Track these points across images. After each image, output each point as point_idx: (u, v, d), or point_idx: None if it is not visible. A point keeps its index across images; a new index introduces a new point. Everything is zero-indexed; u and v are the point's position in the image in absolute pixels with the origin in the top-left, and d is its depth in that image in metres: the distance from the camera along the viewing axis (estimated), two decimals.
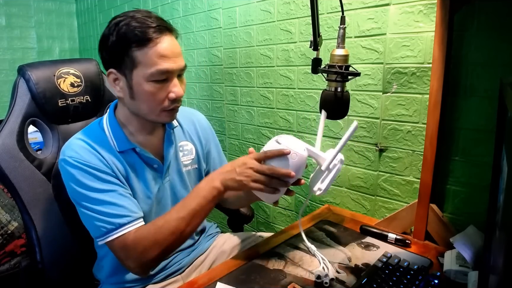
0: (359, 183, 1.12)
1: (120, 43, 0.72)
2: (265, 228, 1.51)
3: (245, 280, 0.75)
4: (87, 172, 0.74)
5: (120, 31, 0.71)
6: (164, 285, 0.88)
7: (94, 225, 0.73)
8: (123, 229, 0.72)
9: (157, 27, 0.72)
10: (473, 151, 0.86)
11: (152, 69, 0.71)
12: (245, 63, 1.44)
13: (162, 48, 0.72)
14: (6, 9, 2.56)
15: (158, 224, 0.73)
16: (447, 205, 0.93)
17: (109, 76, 0.77)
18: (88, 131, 0.81)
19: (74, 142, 0.78)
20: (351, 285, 0.73)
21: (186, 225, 0.72)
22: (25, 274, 0.90)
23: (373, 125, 1.06)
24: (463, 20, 0.83)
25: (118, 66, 0.74)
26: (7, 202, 1.49)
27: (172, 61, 0.73)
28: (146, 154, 0.82)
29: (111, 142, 0.79)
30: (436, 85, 0.84)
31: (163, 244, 0.71)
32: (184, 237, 0.74)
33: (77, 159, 0.74)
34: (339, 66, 0.75)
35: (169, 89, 0.75)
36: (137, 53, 0.71)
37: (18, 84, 0.93)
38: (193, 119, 0.98)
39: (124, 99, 0.78)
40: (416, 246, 0.89)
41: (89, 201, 0.73)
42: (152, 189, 0.84)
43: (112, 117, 0.82)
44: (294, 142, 0.73)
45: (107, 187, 0.74)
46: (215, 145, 1.01)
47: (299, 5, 1.19)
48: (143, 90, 0.73)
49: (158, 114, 0.77)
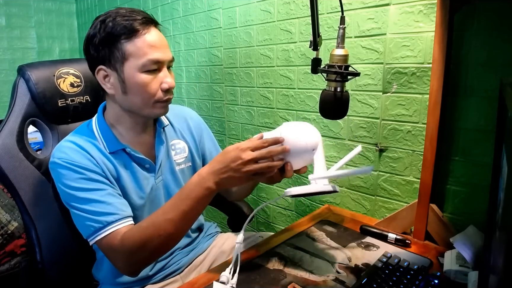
0: (359, 183, 1.12)
1: (109, 38, 0.73)
2: (265, 228, 1.51)
3: (245, 280, 0.75)
4: (76, 172, 0.73)
5: (108, 26, 0.73)
6: (163, 285, 0.87)
7: (84, 225, 0.73)
8: (110, 228, 0.71)
9: (143, 19, 0.74)
10: (473, 151, 0.86)
11: (143, 59, 0.73)
12: (245, 63, 1.44)
13: (151, 38, 0.74)
14: (6, 9, 2.56)
15: (144, 226, 0.71)
16: (447, 205, 0.93)
17: (99, 74, 0.77)
18: (77, 133, 0.81)
19: (63, 144, 0.78)
20: (351, 285, 0.73)
21: (175, 228, 0.70)
22: (25, 274, 0.90)
23: (373, 125, 1.06)
24: (463, 20, 0.83)
25: (107, 61, 0.75)
26: (7, 202, 1.49)
27: (162, 51, 0.75)
28: (137, 154, 0.82)
29: (101, 144, 0.79)
30: (436, 85, 0.84)
31: (149, 246, 0.69)
32: (174, 240, 0.73)
33: (66, 159, 0.74)
34: (339, 66, 0.75)
35: (161, 79, 0.76)
36: (127, 45, 0.72)
37: (18, 84, 0.93)
38: (184, 115, 0.98)
39: (116, 95, 0.78)
40: (416, 246, 0.88)
41: (78, 201, 0.73)
42: (144, 189, 0.83)
43: (101, 118, 0.82)
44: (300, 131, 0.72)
45: (96, 186, 0.74)
46: (209, 139, 1.00)
47: (299, 5, 1.19)
48: (136, 82, 0.74)
49: (152, 106, 0.77)
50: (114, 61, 0.74)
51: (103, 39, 0.73)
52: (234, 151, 0.69)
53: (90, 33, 0.76)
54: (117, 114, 0.81)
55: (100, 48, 0.74)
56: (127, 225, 0.73)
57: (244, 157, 0.67)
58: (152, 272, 0.86)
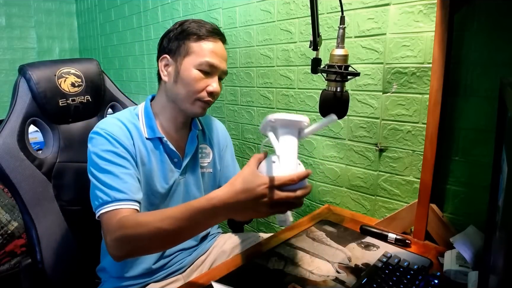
0: (359, 183, 1.12)
1: (181, 34, 0.84)
2: (265, 228, 1.51)
3: (245, 280, 0.75)
4: (110, 143, 0.78)
5: (184, 26, 0.85)
6: (165, 284, 0.88)
7: (95, 195, 0.75)
8: (115, 204, 0.72)
9: (213, 30, 0.85)
10: (473, 151, 0.86)
11: (202, 59, 0.81)
12: (245, 63, 1.44)
13: (214, 46, 0.84)
14: (6, 9, 2.56)
15: (139, 220, 0.68)
16: (447, 205, 0.93)
17: (162, 61, 0.86)
18: (123, 115, 0.87)
19: (109, 119, 0.84)
20: (351, 285, 0.73)
21: (164, 239, 0.67)
22: (25, 274, 0.90)
23: (373, 125, 1.06)
24: (463, 20, 0.83)
25: (172, 53, 0.84)
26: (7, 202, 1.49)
27: (219, 60, 0.84)
28: (170, 146, 0.87)
29: (142, 128, 0.86)
30: (436, 85, 0.84)
31: (135, 243, 0.68)
32: (162, 247, 0.76)
33: (106, 130, 0.79)
34: (339, 66, 0.75)
35: (210, 82, 0.83)
36: (193, 44, 0.82)
37: (18, 84, 0.93)
38: (216, 126, 1.05)
39: (167, 83, 0.85)
40: (416, 246, 0.89)
41: (99, 170, 0.76)
42: (168, 180, 0.88)
43: (148, 106, 0.89)
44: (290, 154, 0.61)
45: (121, 162, 0.78)
46: (230, 153, 1.06)
47: (299, 5, 1.20)
48: (188, 75, 0.82)
49: (192, 102, 0.83)
50: (178, 54, 0.83)
51: (177, 33, 0.84)
52: (258, 188, 0.58)
53: (169, 29, 0.87)
54: (163, 104, 0.88)
55: (172, 41, 0.85)
56: (130, 209, 0.73)
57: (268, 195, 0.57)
58: (155, 267, 0.87)
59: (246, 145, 1.53)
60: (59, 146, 0.97)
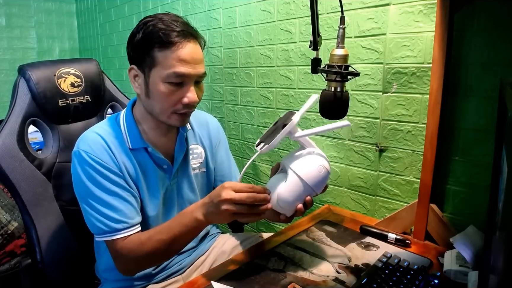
0: (359, 183, 1.12)
1: (144, 42, 0.74)
2: (265, 228, 1.51)
3: (245, 280, 0.75)
4: (96, 170, 0.76)
5: (146, 30, 0.74)
6: (165, 285, 0.88)
7: (93, 223, 0.77)
8: (117, 234, 0.76)
9: (181, 32, 0.74)
10: (473, 151, 0.86)
11: (169, 71, 0.73)
12: (245, 63, 1.44)
13: (183, 52, 0.73)
14: (6, 9, 2.56)
15: (142, 239, 0.76)
16: (447, 205, 0.93)
17: (130, 72, 0.79)
18: (104, 125, 0.83)
19: (89, 135, 0.79)
20: (351, 285, 0.73)
21: (167, 248, 0.75)
22: (25, 274, 0.90)
23: (373, 125, 1.06)
24: (463, 20, 0.83)
25: (139, 63, 0.77)
26: (7, 202, 1.49)
27: (191, 66, 0.74)
28: (157, 154, 0.83)
29: (125, 139, 0.81)
30: (436, 85, 0.84)
31: (143, 258, 0.76)
32: (166, 256, 0.82)
33: (89, 153, 0.76)
34: (339, 66, 0.75)
35: (183, 93, 0.76)
36: (158, 53, 0.73)
37: (18, 84, 0.93)
38: (206, 122, 0.99)
39: (141, 96, 0.80)
40: (416, 246, 0.89)
41: (92, 199, 0.76)
42: (159, 189, 0.85)
43: (129, 113, 0.84)
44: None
45: (112, 188, 0.76)
46: (224, 148, 1.02)
47: (299, 5, 1.19)
48: (158, 90, 0.75)
49: (168, 115, 0.78)
50: (144, 65, 0.75)
51: (140, 41, 0.75)
52: (220, 188, 0.69)
53: (133, 31, 0.77)
54: (142, 114, 0.83)
55: (136, 49, 0.76)
56: (132, 233, 0.77)
57: (224, 195, 0.67)
58: (155, 271, 0.87)
59: (246, 145, 1.53)
60: (59, 146, 0.97)
